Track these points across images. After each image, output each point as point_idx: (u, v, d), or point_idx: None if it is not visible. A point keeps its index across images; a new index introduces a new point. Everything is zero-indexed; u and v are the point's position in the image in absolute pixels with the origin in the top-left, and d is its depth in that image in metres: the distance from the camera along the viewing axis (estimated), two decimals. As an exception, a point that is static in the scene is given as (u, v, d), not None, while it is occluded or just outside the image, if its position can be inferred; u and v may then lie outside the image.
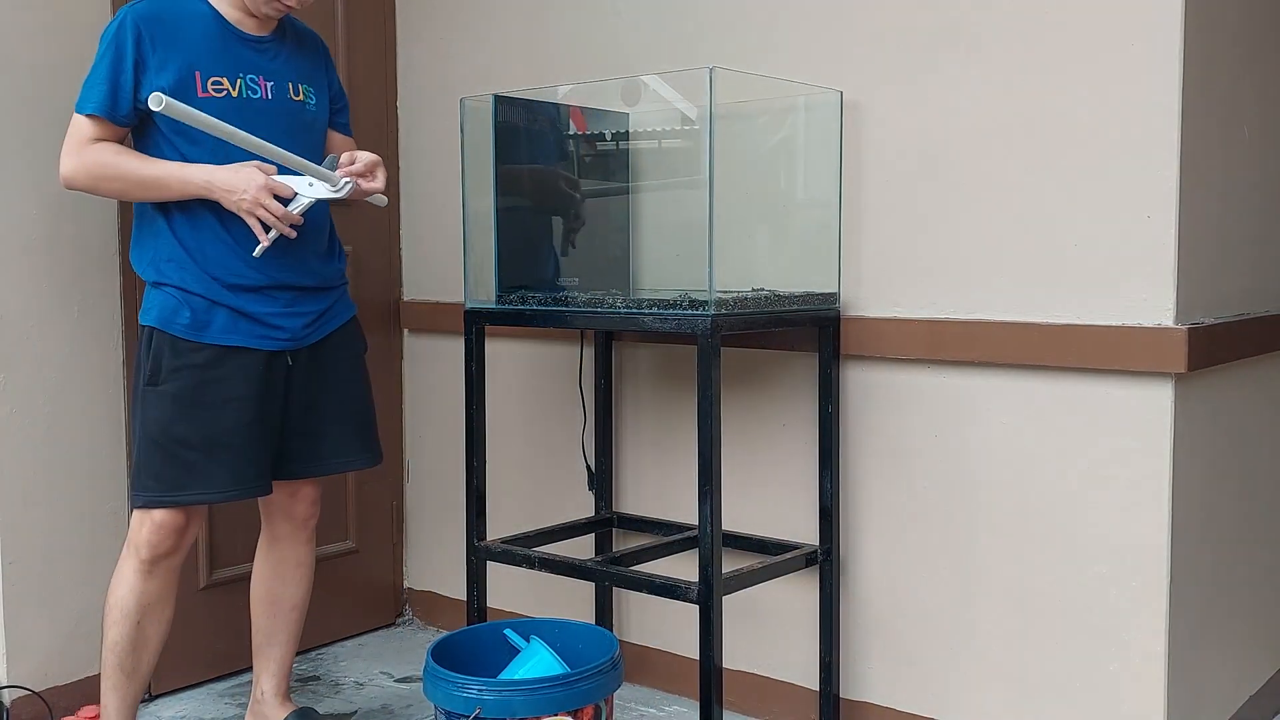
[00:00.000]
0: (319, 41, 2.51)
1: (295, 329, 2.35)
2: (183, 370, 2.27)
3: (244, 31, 2.32)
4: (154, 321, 2.29)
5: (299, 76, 2.39)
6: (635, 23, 2.86)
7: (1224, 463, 2.45)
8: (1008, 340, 2.34)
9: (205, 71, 2.26)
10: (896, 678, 2.57)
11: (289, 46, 2.40)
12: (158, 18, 2.24)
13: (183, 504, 2.29)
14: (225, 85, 2.28)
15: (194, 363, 2.27)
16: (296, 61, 2.40)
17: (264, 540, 2.58)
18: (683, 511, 2.83)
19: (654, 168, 2.83)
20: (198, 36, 2.27)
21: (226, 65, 2.28)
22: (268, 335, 2.32)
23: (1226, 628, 2.52)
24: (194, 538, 2.38)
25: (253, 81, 2.31)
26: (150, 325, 2.30)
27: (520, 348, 3.14)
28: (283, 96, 2.35)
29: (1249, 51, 2.46)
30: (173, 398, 2.28)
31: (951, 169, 2.41)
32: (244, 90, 2.30)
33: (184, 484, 2.28)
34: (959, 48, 2.38)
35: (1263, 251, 2.60)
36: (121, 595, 2.33)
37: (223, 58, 2.28)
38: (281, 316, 2.33)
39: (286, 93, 2.36)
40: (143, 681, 2.40)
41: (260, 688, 2.59)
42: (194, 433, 2.27)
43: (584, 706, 2.17)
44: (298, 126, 2.37)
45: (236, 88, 2.29)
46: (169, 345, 2.28)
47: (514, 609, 3.14)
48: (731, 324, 2.29)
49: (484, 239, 2.66)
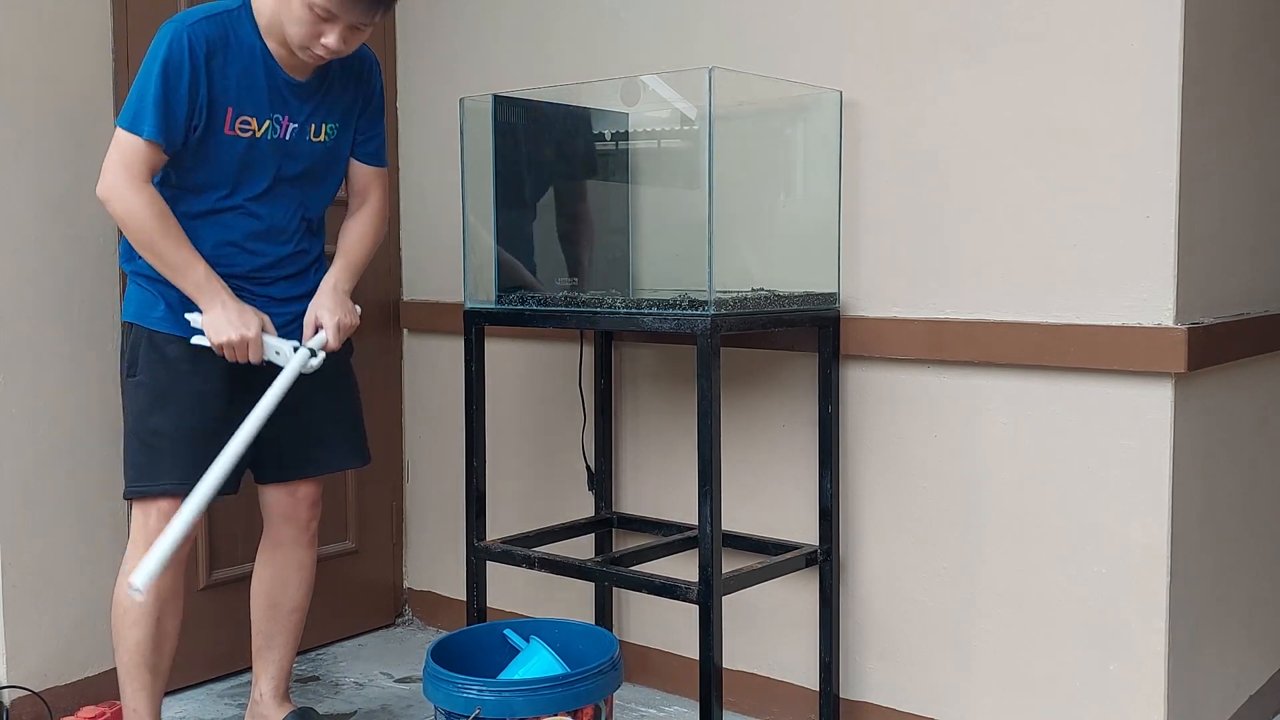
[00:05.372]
0: (367, 66, 2.45)
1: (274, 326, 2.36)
2: (156, 362, 2.29)
3: (288, 75, 2.29)
4: (132, 317, 2.33)
5: (327, 116, 2.37)
6: (635, 23, 2.86)
7: (1224, 463, 2.45)
8: (1008, 340, 2.34)
9: (238, 110, 2.25)
10: (896, 678, 2.57)
11: (329, 84, 2.37)
12: (221, 45, 2.21)
13: (154, 494, 2.30)
14: (252, 126, 2.27)
15: (168, 355, 2.29)
16: (331, 100, 2.37)
17: (265, 544, 2.58)
18: (683, 511, 2.83)
19: (654, 168, 2.83)
20: (245, 73, 2.24)
21: (260, 106, 2.27)
22: None
23: (1226, 628, 2.52)
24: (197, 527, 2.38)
25: (277, 121, 2.30)
26: (129, 320, 2.34)
27: (520, 348, 3.14)
28: (301, 138, 2.34)
29: (1248, 51, 2.46)
30: (148, 389, 2.30)
31: (951, 169, 2.40)
32: (268, 132, 2.29)
33: (157, 474, 2.30)
34: (959, 47, 2.38)
35: (1262, 251, 2.60)
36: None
37: (261, 99, 2.27)
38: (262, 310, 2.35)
39: (306, 134, 2.34)
40: (166, 677, 2.41)
41: (259, 689, 2.59)
42: (167, 424, 2.29)
43: (584, 707, 2.17)
44: (308, 163, 2.37)
45: (262, 129, 2.28)
46: (145, 338, 2.30)
47: (514, 609, 3.14)
48: (731, 324, 2.29)
49: (484, 239, 2.66)
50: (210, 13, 2.23)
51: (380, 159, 2.51)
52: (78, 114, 2.68)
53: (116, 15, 2.73)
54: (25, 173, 2.60)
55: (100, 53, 2.71)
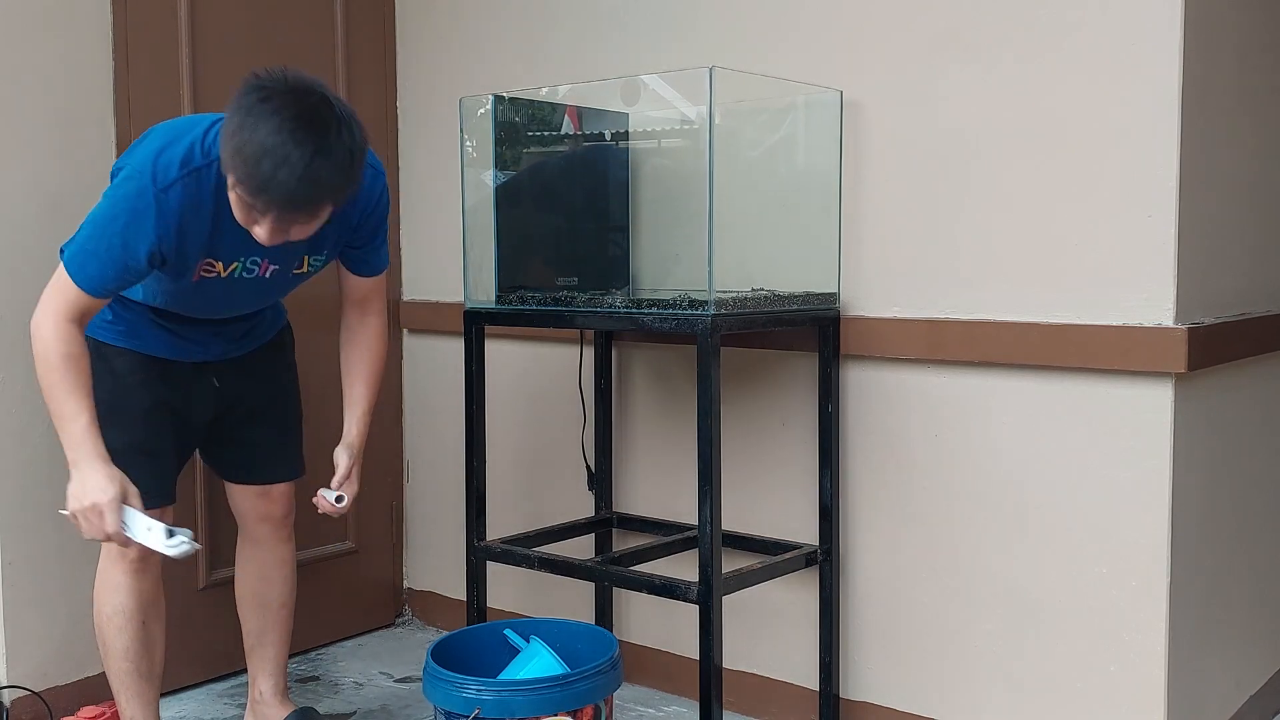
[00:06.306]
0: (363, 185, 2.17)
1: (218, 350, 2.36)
2: (105, 374, 2.27)
3: None
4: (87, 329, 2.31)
5: (311, 249, 2.21)
6: (635, 23, 2.86)
7: (1224, 462, 2.45)
8: (1008, 340, 2.34)
9: (207, 257, 2.12)
10: (896, 678, 2.57)
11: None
12: (193, 207, 2.04)
13: None
14: (217, 268, 2.14)
15: (116, 368, 2.29)
16: (320, 234, 2.16)
17: (242, 543, 2.58)
18: (683, 511, 2.83)
19: (654, 167, 2.83)
20: (216, 229, 2.08)
21: (229, 252, 2.13)
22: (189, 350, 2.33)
23: (1226, 628, 2.52)
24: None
25: (253, 264, 2.17)
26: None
27: (520, 348, 3.14)
28: (285, 274, 2.23)
29: (1249, 51, 2.46)
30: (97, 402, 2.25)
31: (951, 168, 2.40)
32: (237, 271, 2.16)
33: None
34: (959, 47, 2.38)
35: (1262, 251, 2.60)
36: (119, 601, 2.33)
37: (230, 247, 2.12)
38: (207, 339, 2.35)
39: (289, 269, 2.23)
40: (159, 682, 2.41)
41: (258, 688, 2.59)
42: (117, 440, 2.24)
43: (583, 707, 2.17)
44: (286, 287, 2.31)
45: (229, 270, 2.15)
46: (94, 350, 2.27)
47: (514, 609, 3.14)
48: (731, 324, 2.29)
49: (484, 239, 2.66)
50: (186, 167, 2.03)
51: (378, 267, 2.36)
52: (77, 114, 2.68)
53: (116, 15, 2.72)
54: (24, 173, 2.60)
55: (100, 53, 2.71)
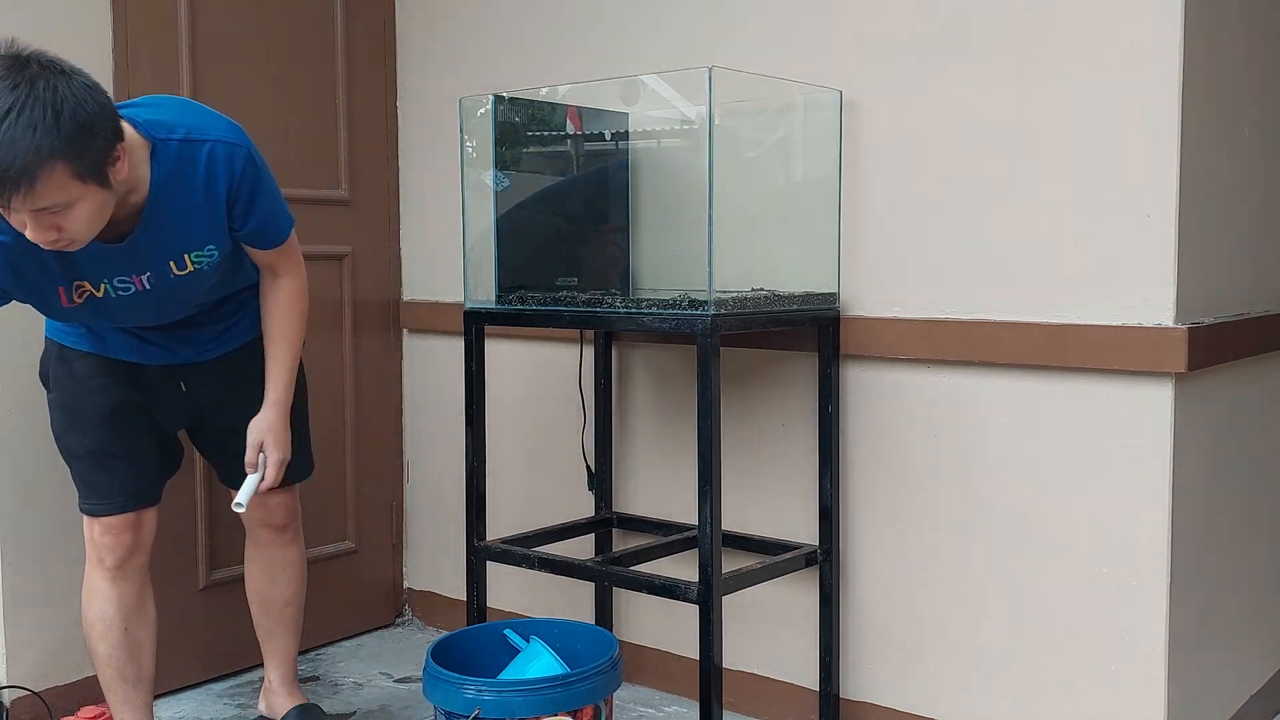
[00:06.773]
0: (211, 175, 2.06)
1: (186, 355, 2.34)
2: (65, 378, 2.27)
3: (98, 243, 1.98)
4: (48, 331, 2.32)
5: (185, 246, 2.09)
6: (635, 23, 2.86)
7: (1224, 463, 2.45)
8: (1008, 340, 2.34)
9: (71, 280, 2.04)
10: (896, 678, 2.57)
11: (160, 221, 2.04)
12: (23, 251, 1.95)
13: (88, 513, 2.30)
14: (87, 289, 2.06)
15: (76, 371, 2.27)
16: (176, 231, 2.07)
17: (249, 543, 2.59)
18: (683, 511, 2.83)
19: (654, 167, 2.83)
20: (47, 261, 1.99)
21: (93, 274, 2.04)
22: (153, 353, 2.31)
23: (1226, 628, 2.52)
24: (152, 533, 2.37)
25: (123, 283, 2.07)
26: (46, 334, 2.33)
27: (520, 348, 3.14)
28: (165, 279, 2.10)
29: (1249, 51, 2.46)
30: (60, 406, 2.27)
31: (951, 169, 2.40)
32: (111, 291, 2.07)
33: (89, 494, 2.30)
34: (959, 47, 2.38)
35: (1262, 251, 2.60)
36: (99, 608, 2.33)
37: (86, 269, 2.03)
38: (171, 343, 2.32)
39: (169, 273, 2.10)
40: (149, 685, 2.40)
41: (269, 677, 2.65)
42: (79, 445, 2.25)
43: (583, 707, 2.17)
44: (194, 289, 2.19)
45: (101, 290, 2.07)
46: (56, 352, 2.27)
47: (514, 609, 3.14)
48: (731, 324, 2.29)
49: (484, 239, 2.66)
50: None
51: (271, 240, 2.22)
52: (77, 114, 2.67)
53: (116, 15, 2.72)
54: (25, 172, 2.60)
55: (101, 53, 2.71)
